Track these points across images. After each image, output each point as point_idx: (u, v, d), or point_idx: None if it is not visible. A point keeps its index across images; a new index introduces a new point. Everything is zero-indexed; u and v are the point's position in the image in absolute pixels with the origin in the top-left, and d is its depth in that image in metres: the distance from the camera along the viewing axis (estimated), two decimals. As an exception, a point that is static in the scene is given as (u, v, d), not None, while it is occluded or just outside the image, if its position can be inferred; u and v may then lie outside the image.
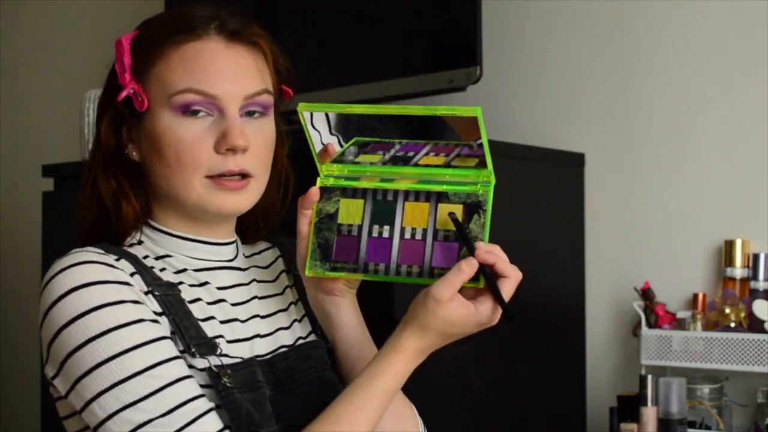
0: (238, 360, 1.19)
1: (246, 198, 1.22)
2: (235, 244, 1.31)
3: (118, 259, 1.18)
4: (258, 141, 1.21)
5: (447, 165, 1.19)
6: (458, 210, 1.15)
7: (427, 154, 1.21)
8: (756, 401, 1.93)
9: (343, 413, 1.12)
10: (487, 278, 1.11)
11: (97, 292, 1.12)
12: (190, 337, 1.15)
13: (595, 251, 2.20)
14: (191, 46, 1.20)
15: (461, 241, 1.13)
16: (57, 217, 2.28)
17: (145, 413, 1.09)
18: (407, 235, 1.16)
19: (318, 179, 1.22)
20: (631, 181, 2.17)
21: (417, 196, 1.18)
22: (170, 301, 1.17)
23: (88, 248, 1.18)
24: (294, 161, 1.33)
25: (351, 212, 1.19)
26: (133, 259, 1.20)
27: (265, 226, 1.33)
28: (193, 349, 1.14)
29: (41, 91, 3.28)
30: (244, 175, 1.20)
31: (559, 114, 2.27)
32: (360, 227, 1.18)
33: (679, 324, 2.00)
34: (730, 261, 2.00)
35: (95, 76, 3.38)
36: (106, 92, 1.26)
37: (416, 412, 1.30)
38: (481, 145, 1.16)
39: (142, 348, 1.11)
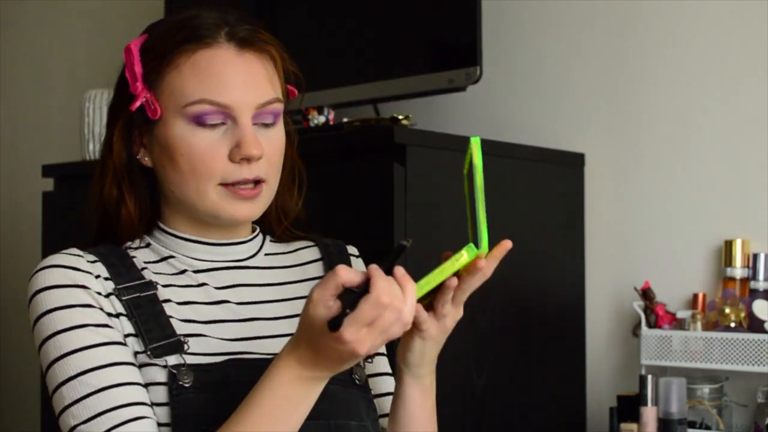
0: (211, 362, 1.19)
1: (258, 205, 1.23)
2: (253, 242, 1.31)
3: (94, 262, 1.21)
4: (270, 148, 1.22)
5: None
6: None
7: None
8: (756, 401, 1.93)
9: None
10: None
11: (51, 296, 1.17)
12: (151, 338, 1.17)
13: (595, 251, 2.20)
14: (202, 54, 1.20)
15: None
16: (57, 217, 2.28)
17: (74, 418, 1.13)
18: None
19: None
20: (631, 181, 2.17)
21: None
22: (138, 302, 1.19)
23: (66, 250, 1.22)
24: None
25: None
26: (119, 261, 1.22)
27: (279, 222, 1.33)
28: (149, 352, 1.16)
29: (41, 91, 3.28)
30: (257, 182, 1.21)
31: (559, 114, 2.26)
32: None
33: (679, 324, 2.00)
34: (730, 261, 2.00)
35: (95, 76, 3.41)
36: (118, 99, 1.26)
37: None
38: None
39: (78, 354, 1.14)
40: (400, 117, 1.99)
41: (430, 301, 1.12)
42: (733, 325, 1.92)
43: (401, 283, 1.01)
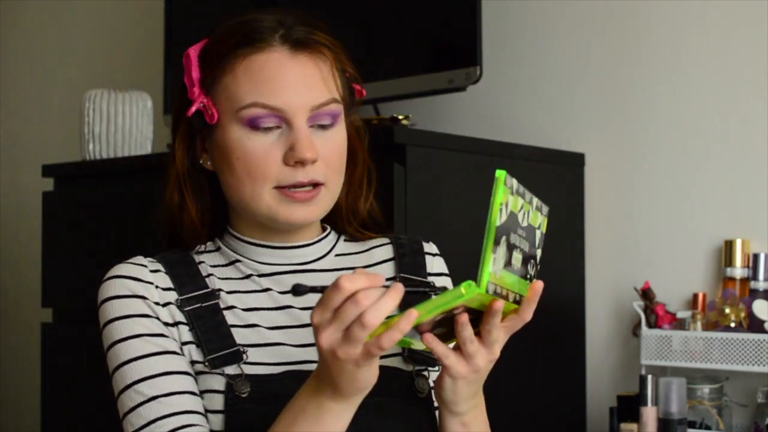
0: (270, 372, 1.19)
1: (316, 208, 1.22)
2: (322, 243, 1.29)
3: (157, 271, 1.22)
4: (328, 150, 1.21)
5: None
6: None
7: None
8: (756, 401, 1.93)
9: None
10: None
11: (112, 307, 1.20)
12: (210, 349, 1.18)
13: (595, 251, 2.20)
14: (256, 58, 1.20)
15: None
16: (57, 217, 2.28)
17: (131, 425, 1.16)
18: None
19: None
20: (631, 181, 2.17)
21: None
22: (199, 313, 1.20)
23: (132, 259, 1.24)
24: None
25: None
26: (184, 270, 1.23)
27: (349, 222, 1.32)
28: (206, 362, 1.17)
29: (41, 91, 3.28)
30: (315, 185, 1.20)
31: (559, 114, 2.26)
32: None
33: (679, 324, 2.00)
34: (730, 261, 2.00)
35: (95, 76, 3.40)
36: (178, 105, 1.26)
37: None
38: None
39: (133, 363, 1.17)
40: (400, 117, 1.99)
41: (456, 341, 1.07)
42: (733, 325, 1.92)
43: (387, 291, 0.98)
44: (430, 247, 1.36)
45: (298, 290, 1.02)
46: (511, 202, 1.01)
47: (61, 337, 2.25)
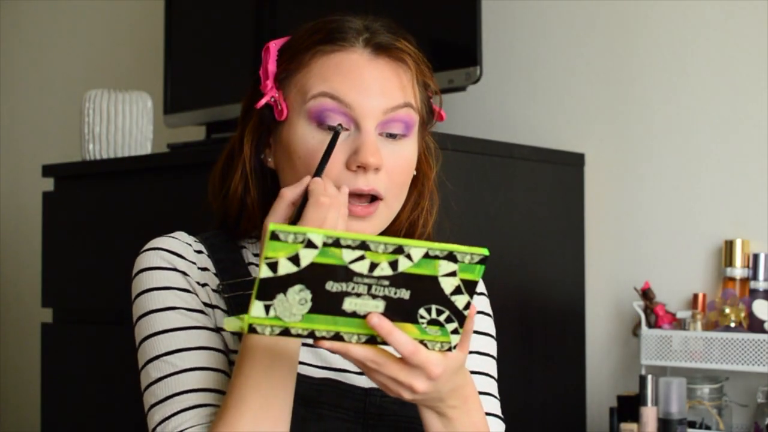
0: (309, 375, 1.16)
1: (371, 225, 1.16)
2: None
3: (200, 252, 1.20)
4: (393, 162, 1.16)
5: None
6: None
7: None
8: (756, 401, 1.93)
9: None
10: None
11: (148, 277, 1.17)
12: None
13: (595, 251, 2.20)
14: (334, 56, 1.17)
15: None
16: (57, 217, 2.28)
17: (153, 396, 1.13)
18: None
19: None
20: (631, 181, 2.17)
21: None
22: (240, 301, 1.17)
23: (176, 234, 1.22)
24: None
25: None
26: (226, 256, 1.20)
27: None
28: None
29: (41, 91, 3.28)
30: (374, 197, 1.15)
31: (559, 114, 2.26)
32: None
33: (679, 324, 2.00)
34: (730, 261, 2.00)
35: (95, 76, 3.40)
36: (249, 97, 1.23)
37: None
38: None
39: (166, 334, 1.14)
40: (400, 117, 1.98)
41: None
42: (733, 325, 1.92)
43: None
44: None
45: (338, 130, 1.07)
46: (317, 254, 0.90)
47: (61, 337, 2.25)
